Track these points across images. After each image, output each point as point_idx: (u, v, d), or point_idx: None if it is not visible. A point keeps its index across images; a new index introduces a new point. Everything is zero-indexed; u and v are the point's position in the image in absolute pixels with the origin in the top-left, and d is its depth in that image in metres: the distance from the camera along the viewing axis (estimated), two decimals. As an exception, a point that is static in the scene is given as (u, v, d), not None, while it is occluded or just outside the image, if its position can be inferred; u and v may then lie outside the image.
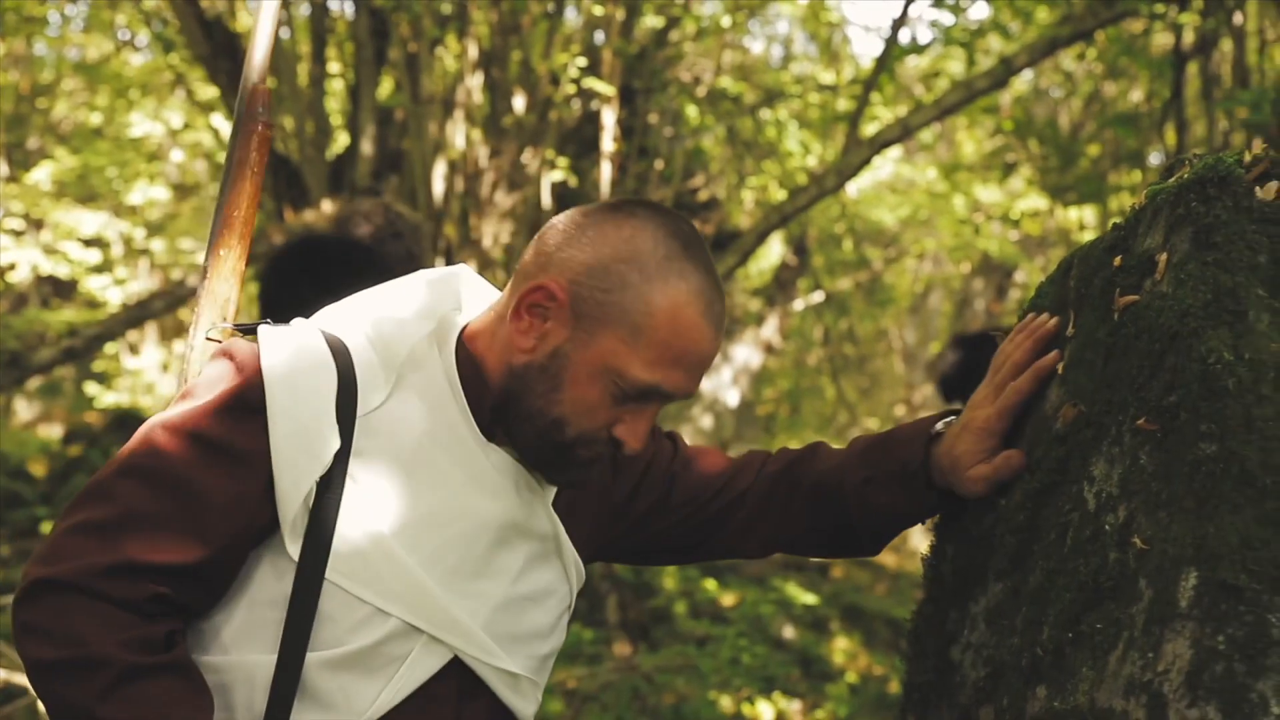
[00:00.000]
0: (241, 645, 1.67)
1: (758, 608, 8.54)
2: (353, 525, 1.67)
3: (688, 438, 9.64)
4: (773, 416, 16.25)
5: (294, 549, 1.66)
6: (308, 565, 1.65)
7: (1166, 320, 1.59)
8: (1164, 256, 1.64)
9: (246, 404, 1.67)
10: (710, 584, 9.17)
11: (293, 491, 1.65)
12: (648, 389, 1.69)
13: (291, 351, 1.71)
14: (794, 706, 7.21)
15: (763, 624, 8.32)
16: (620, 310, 1.66)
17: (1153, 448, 1.56)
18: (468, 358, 1.78)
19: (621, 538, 2.03)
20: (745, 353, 11.09)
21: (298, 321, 1.80)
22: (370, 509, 1.69)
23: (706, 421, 10.61)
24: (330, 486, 1.67)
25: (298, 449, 1.65)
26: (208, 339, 1.90)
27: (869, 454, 1.97)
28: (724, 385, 10.80)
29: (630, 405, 1.71)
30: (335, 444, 1.67)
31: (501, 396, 1.76)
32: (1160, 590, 1.49)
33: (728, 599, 9.08)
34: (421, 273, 1.89)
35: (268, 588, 1.67)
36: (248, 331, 1.83)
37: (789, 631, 8.52)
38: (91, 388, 12.61)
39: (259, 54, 2.08)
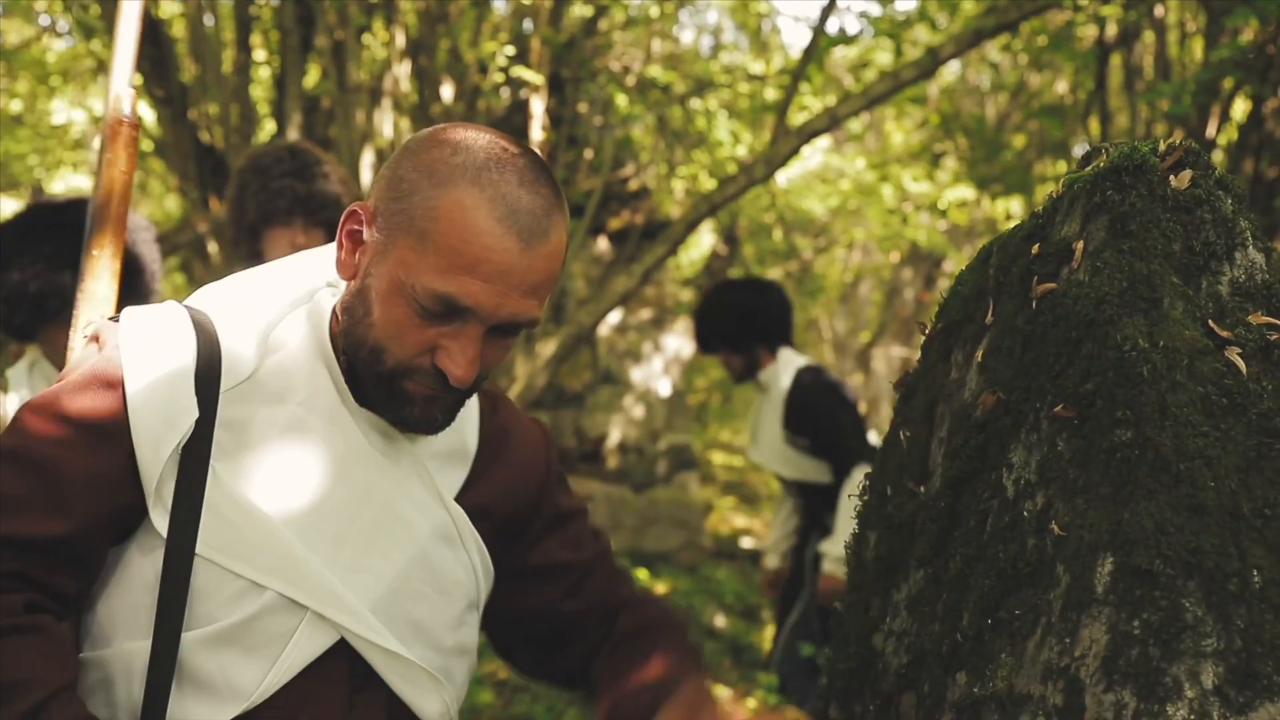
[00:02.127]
0: (119, 634, 1.63)
1: (689, 597, 8.55)
2: (222, 497, 1.64)
3: (619, 428, 9.55)
4: (704, 406, 16.29)
5: (161, 524, 1.62)
6: (176, 540, 1.61)
7: (1083, 308, 1.60)
8: (1080, 244, 1.65)
9: (105, 379, 1.64)
10: (642, 573, 9.18)
11: (152, 461, 1.61)
12: (444, 300, 1.59)
13: (150, 326, 1.69)
14: (725, 695, 7.23)
15: (694, 613, 8.33)
16: (408, 217, 1.61)
17: (1070, 434, 1.58)
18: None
19: (501, 585, 1.93)
20: (676, 342, 11.08)
21: (170, 301, 1.78)
22: (241, 480, 1.65)
23: (638, 411, 10.60)
24: (195, 458, 1.63)
25: (155, 419, 1.62)
26: (84, 337, 1.89)
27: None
28: (655, 375, 10.79)
29: (441, 325, 1.62)
30: (193, 413, 1.63)
31: (342, 340, 1.72)
32: (1077, 576, 1.50)
33: (660, 588, 9.09)
34: (306, 251, 1.88)
35: (140, 570, 1.63)
36: None
37: (720, 620, 8.54)
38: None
39: (124, 57, 2.11)
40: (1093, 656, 1.45)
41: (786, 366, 5.31)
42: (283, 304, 1.75)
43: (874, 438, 5.19)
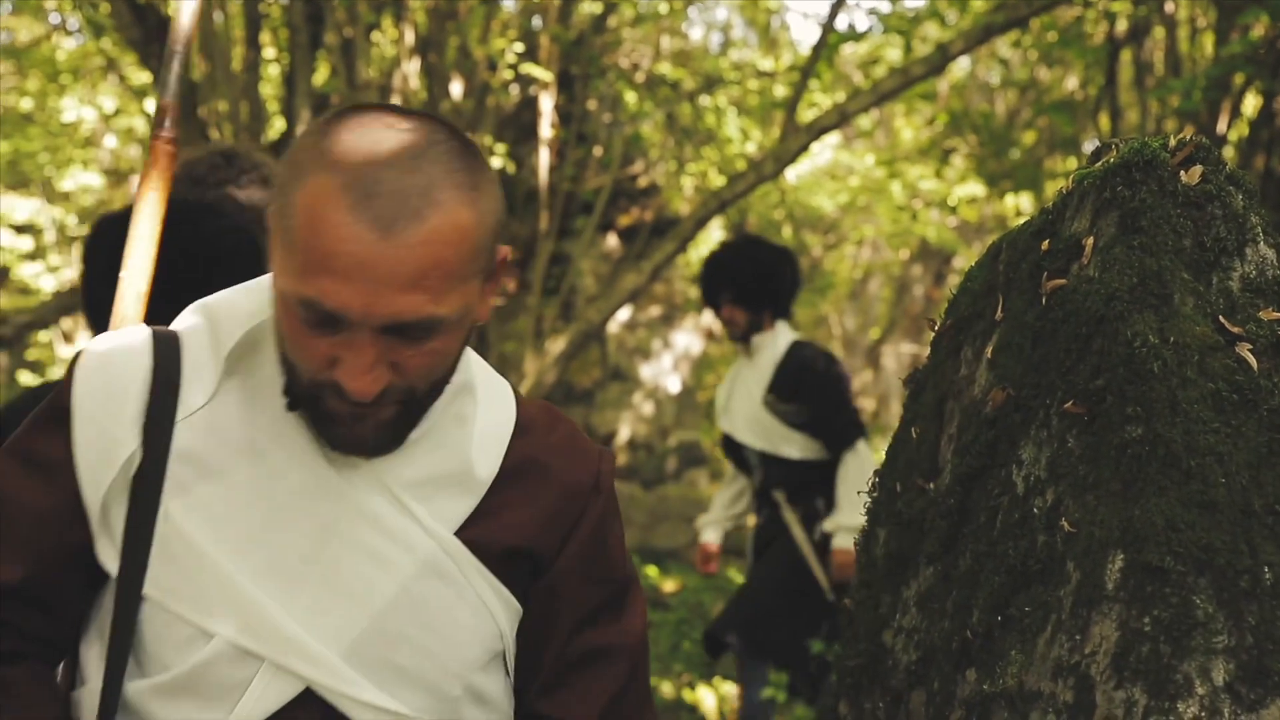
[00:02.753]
0: (88, 675, 1.55)
1: (699, 594, 8.55)
2: (172, 535, 1.50)
3: (628, 425, 9.52)
4: (713, 403, 16.27)
5: (111, 564, 1.50)
6: (125, 581, 1.49)
7: (1093, 304, 1.59)
8: (1090, 240, 1.65)
9: (56, 412, 1.55)
10: (652, 570, 9.18)
11: (93, 498, 1.50)
12: (308, 305, 1.38)
13: (107, 353, 1.56)
14: (734, 691, 7.22)
15: (703, 610, 8.33)
16: (278, 217, 1.42)
17: (1080, 431, 1.57)
18: None
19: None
20: (686, 339, 11.08)
21: (140, 324, 1.68)
22: (192, 516, 1.51)
23: (648, 408, 10.60)
24: (147, 493, 1.51)
25: (95, 455, 1.51)
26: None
27: None
28: (665, 372, 10.79)
29: (330, 335, 1.40)
30: (128, 446, 1.51)
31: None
32: (1088, 573, 1.49)
33: (669, 585, 9.08)
34: None
35: (99, 610, 1.54)
36: None
37: (729, 617, 8.55)
38: (25, 376, 12.44)
39: (173, 72, 2.08)
40: (1103, 653, 1.45)
41: (782, 335, 5.27)
42: (243, 319, 1.57)
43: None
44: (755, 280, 5.22)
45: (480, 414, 1.62)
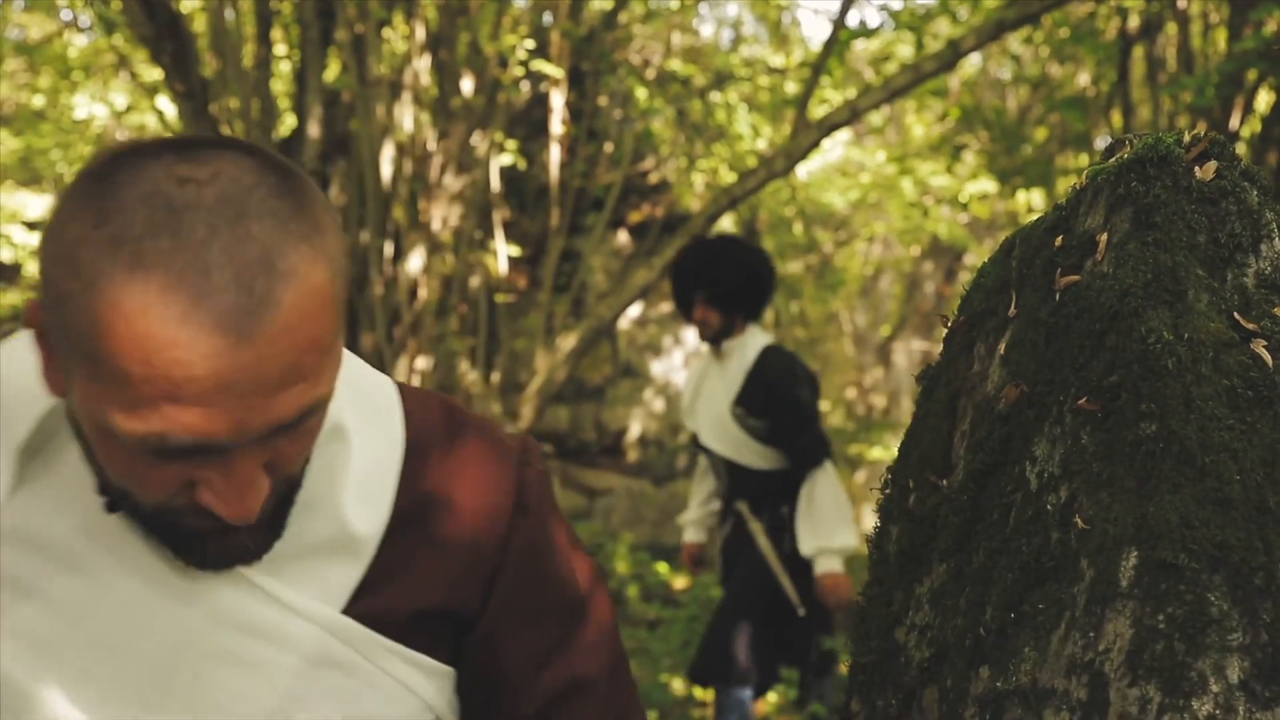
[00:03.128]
0: None
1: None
2: None
3: (639, 422, 9.54)
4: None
5: None
6: None
7: (1107, 300, 1.59)
8: (1104, 236, 1.65)
9: None
10: (662, 567, 9.18)
11: None
12: (155, 444, 1.05)
13: None
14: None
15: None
16: (68, 336, 1.05)
17: (1094, 428, 1.57)
18: None
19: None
20: (696, 336, 11.09)
21: None
22: (8, 648, 1.21)
23: (658, 404, 10.60)
24: None
25: None
26: None
27: None
28: (675, 368, 10.79)
29: (184, 462, 1.09)
30: None
31: None
32: (1101, 570, 1.49)
33: (679, 582, 9.09)
34: None
35: None
36: None
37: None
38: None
39: None
40: (1117, 651, 1.45)
41: (753, 340, 5.12)
42: (36, 399, 1.23)
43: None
44: (733, 282, 5.08)
45: (355, 453, 1.30)
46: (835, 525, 4.78)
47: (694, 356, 10.98)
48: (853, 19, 13.35)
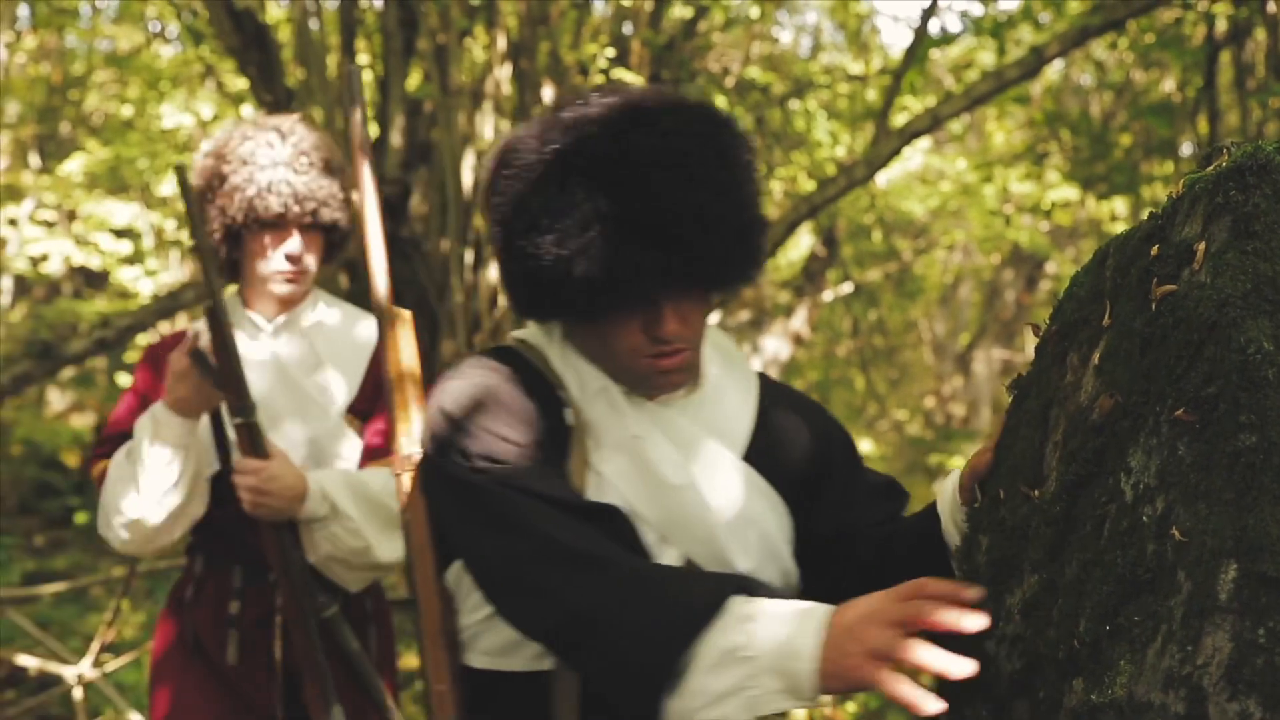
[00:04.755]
0: None
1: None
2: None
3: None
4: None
5: None
6: None
7: (1205, 310, 1.57)
8: (1202, 245, 1.63)
9: None
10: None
11: None
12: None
13: None
14: (824, 699, 7.20)
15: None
16: None
17: (1191, 439, 1.55)
18: None
19: None
20: (775, 344, 11.06)
21: None
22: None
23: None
24: None
25: None
26: None
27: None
28: (753, 376, 10.77)
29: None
30: None
31: None
32: (1199, 583, 1.47)
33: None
34: None
35: None
36: None
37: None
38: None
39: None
40: (1215, 665, 1.43)
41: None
42: None
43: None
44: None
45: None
46: None
47: (771, 365, 10.95)
48: (933, 26, 13.27)
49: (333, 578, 3.02)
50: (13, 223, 10.99)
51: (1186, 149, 10.24)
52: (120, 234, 11.49)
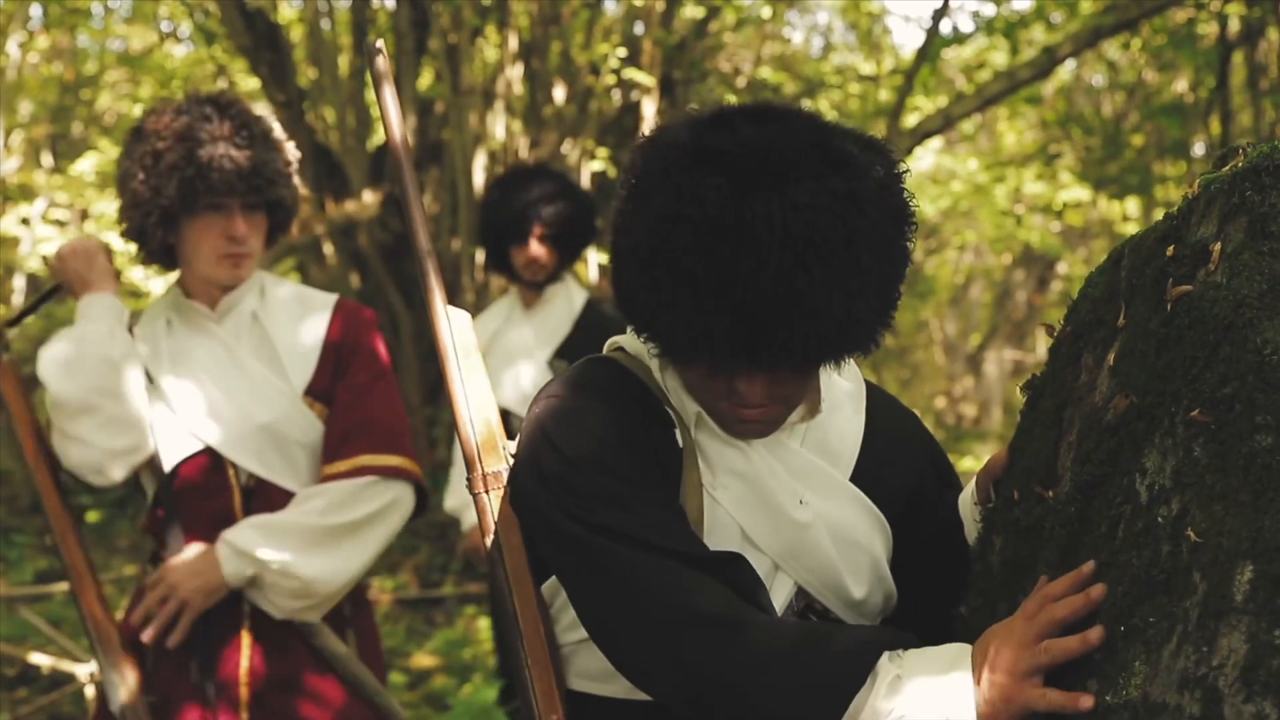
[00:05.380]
0: None
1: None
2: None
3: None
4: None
5: None
6: None
7: (1221, 310, 1.57)
8: (1218, 246, 1.62)
9: None
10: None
11: None
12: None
13: None
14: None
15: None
16: None
17: (1207, 440, 1.54)
18: None
19: None
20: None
21: None
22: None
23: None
24: None
25: None
26: None
27: None
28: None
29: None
30: None
31: None
32: (1215, 584, 1.47)
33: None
34: None
35: None
36: None
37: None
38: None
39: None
40: (1231, 666, 1.42)
41: (576, 289, 4.75)
42: None
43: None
44: (580, 222, 4.63)
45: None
46: None
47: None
48: (944, 26, 13.25)
49: (298, 619, 2.94)
50: (25, 222, 11.01)
51: (1199, 149, 10.22)
52: (132, 233, 11.47)
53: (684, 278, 1.67)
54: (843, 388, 2.04)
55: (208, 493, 2.97)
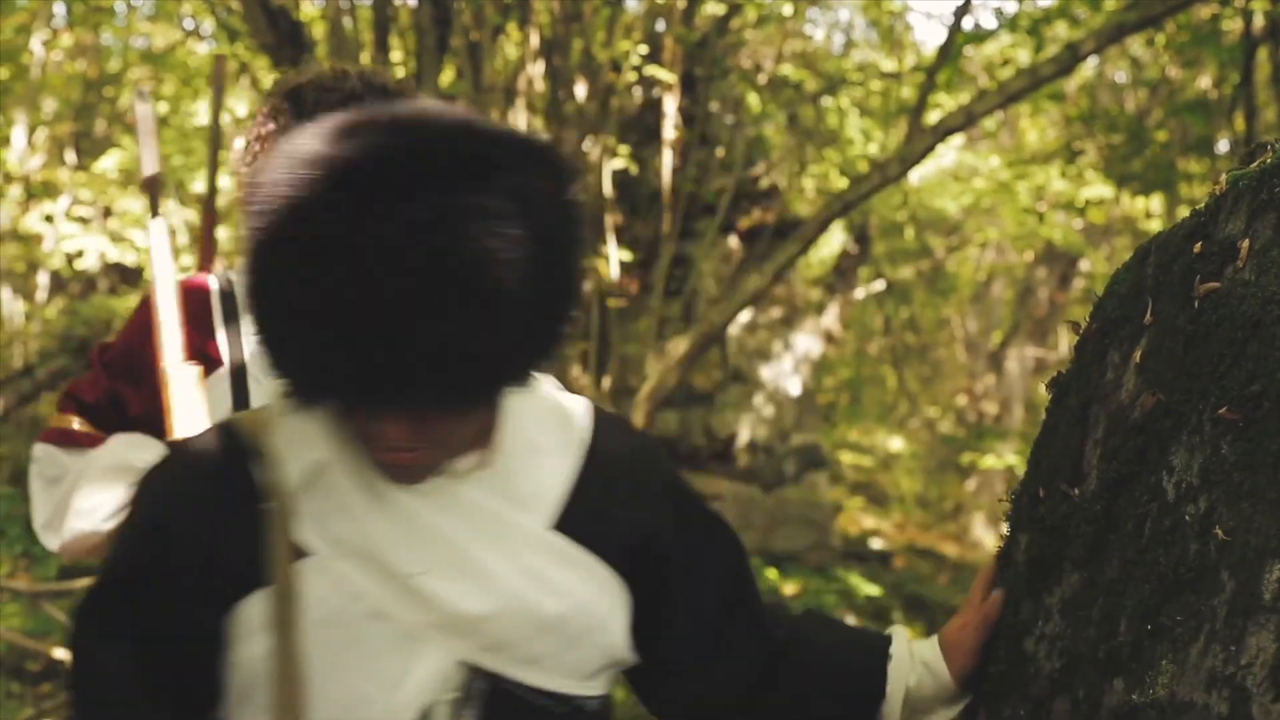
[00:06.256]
0: None
1: (820, 597, 8.52)
2: None
3: (748, 427, 9.52)
4: (833, 405, 16.20)
5: None
6: None
7: (1249, 308, 1.56)
8: (1246, 243, 1.61)
9: None
10: (772, 573, 9.15)
11: None
12: None
13: None
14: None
15: (825, 612, 8.32)
16: None
17: (1235, 437, 1.54)
18: None
19: None
20: (806, 341, 11.03)
21: None
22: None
23: (768, 410, 10.57)
24: None
25: None
26: None
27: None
28: (785, 374, 10.75)
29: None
30: None
31: None
32: (1243, 582, 1.46)
33: (789, 588, 9.06)
34: None
35: None
36: None
37: (851, 622, 8.50)
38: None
39: None
40: (1260, 665, 1.42)
41: None
42: None
43: None
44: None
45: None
46: None
47: (803, 363, 10.93)
48: (966, 23, 13.22)
49: None
50: (49, 219, 11.06)
51: (1223, 146, 10.16)
52: (155, 230, 11.50)
53: (294, 308, 1.44)
54: (548, 426, 1.76)
55: None
